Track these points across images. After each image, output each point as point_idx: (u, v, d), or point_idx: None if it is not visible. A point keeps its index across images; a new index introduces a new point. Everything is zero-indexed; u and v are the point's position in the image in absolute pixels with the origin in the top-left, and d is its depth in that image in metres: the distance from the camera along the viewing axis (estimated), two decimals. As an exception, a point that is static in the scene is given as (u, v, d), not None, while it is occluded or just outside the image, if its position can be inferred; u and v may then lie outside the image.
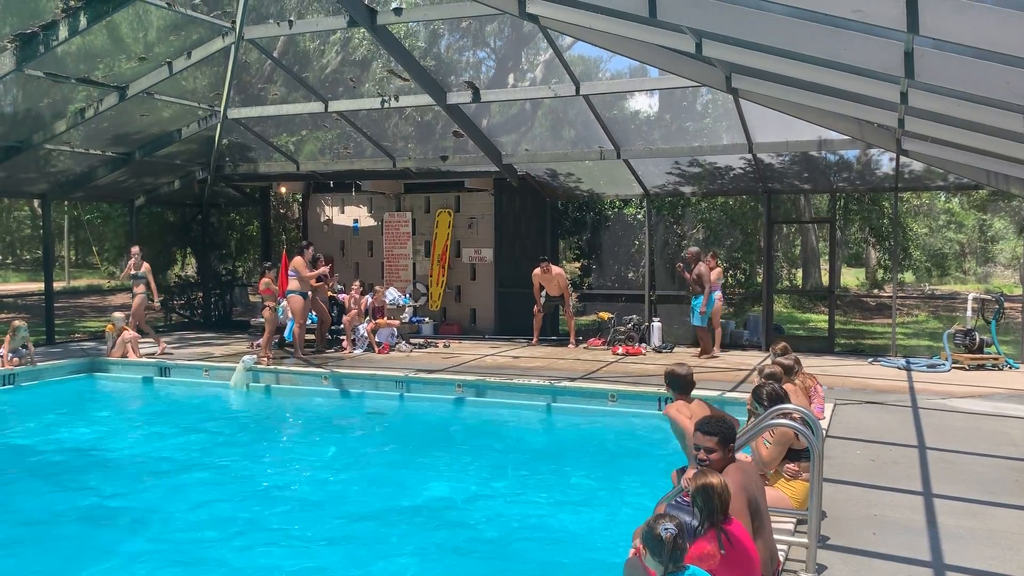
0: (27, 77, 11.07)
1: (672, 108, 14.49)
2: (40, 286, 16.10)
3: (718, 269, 13.47)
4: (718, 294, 13.23)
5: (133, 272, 13.42)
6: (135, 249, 13.65)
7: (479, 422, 10.12)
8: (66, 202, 20.33)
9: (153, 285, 13.58)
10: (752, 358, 12.64)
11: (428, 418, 10.36)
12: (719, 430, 4.09)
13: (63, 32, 9.84)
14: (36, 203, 23.19)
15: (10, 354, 11.55)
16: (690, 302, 13.24)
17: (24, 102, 12.24)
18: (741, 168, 13.89)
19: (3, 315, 20.79)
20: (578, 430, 9.68)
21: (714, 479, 3.57)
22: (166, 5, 10.79)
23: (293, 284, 12.59)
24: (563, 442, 9.35)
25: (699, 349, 13.16)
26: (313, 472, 8.19)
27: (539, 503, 7.05)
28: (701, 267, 12.96)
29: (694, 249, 13.63)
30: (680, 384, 5.48)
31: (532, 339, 14.44)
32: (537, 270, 14.07)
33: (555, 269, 14.20)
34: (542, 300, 14.22)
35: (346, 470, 8.18)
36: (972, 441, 7.46)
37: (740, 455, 5.21)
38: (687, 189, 15.12)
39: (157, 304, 13.59)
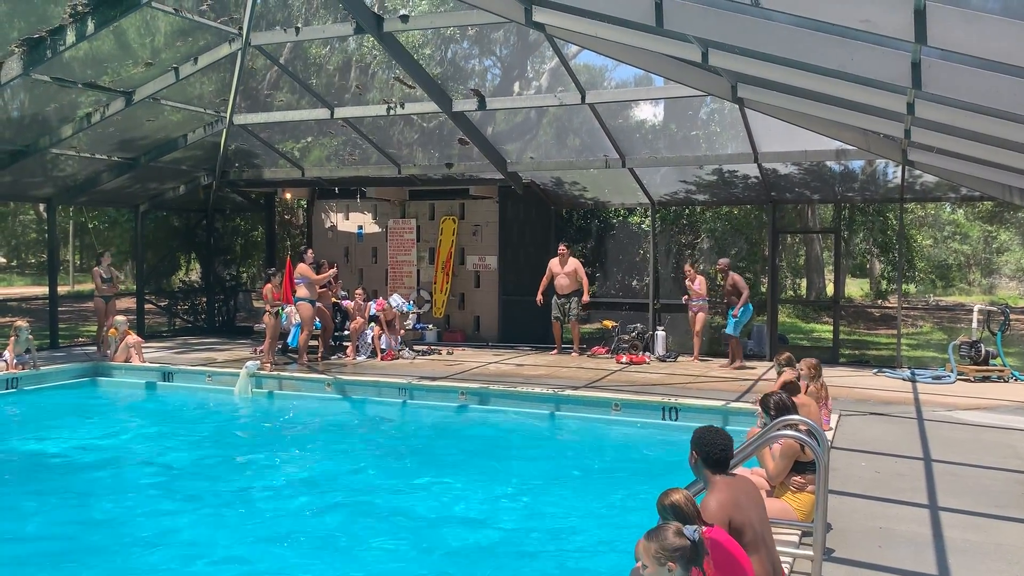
0: (34, 82, 11.09)
1: (677, 117, 14.48)
2: (44, 290, 16.10)
3: (700, 278, 13.40)
4: (700, 303, 13.25)
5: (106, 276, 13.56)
6: (107, 254, 13.85)
7: (482, 430, 10.09)
8: (71, 207, 20.35)
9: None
10: (756, 368, 12.59)
11: (431, 425, 10.34)
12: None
13: (70, 37, 9.87)
14: (41, 207, 23.24)
15: (15, 359, 11.55)
16: (726, 313, 13.07)
17: (31, 107, 12.27)
18: (746, 178, 13.87)
19: (7, 318, 20.82)
20: (581, 439, 9.65)
21: (676, 495, 3.54)
22: (173, 11, 10.82)
23: (302, 291, 12.59)
24: (566, 451, 9.31)
25: (727, 359, 13.03)
26: (315, 479, 8.16)
27: (542, 512, 7.02)
28: (735, 276, 12.84)
29: (725, 260, 13.47)
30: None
31: (553, 349, 14.29)
32: (555, 259, 14.00)
33: (572, 260, 14.06)
34: (558, 302, 13.98)
35: (347, 477, 8.15)
36: (978, 454, 7.42)
37: (742, 469, 5.19)
38: (692, 198, 15.09)
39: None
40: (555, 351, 14.23)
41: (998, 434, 8.25)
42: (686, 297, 13.51)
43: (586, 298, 13.98)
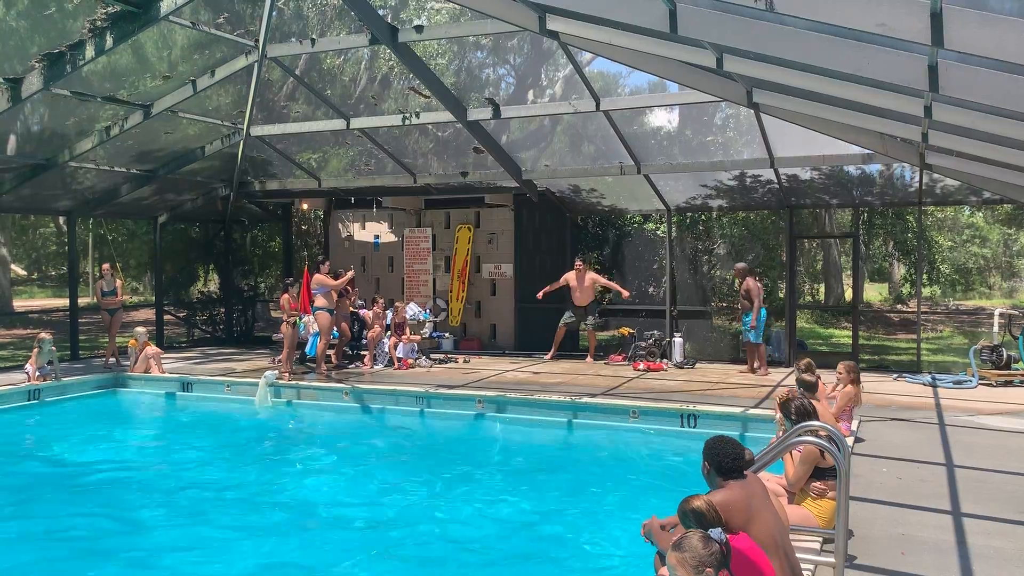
0: (54, 96, 11.23)
1: (692, 123, 14.45)
2: (65, 302, 16.26)
3: (759, 284, 13.30)
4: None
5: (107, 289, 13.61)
6: (107, 267, 13.87)
7: (499, 438, 10.09)
8: (91, 219, 20.56)
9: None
10: (776, 374, 12.52)
11: (448, 434, 10.34)
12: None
13: (89, 52, 9.98)
14: (61, 220, 23.48)
15: (37, 371, 11.65)
16: (741, 319, 12.96)
17: (51, 120, 12.42)
18: (763, 183, 13.82)
19: (29, 330, 21.03)
20: (599, 447, 9.62)
21: (697, 502, 3.59)
22: (190, 24, 10.93)
23: (320, 301, 12.65)
24: (584, 459, 9.29)
25: (745, 366, 12.96)
26: (333, 488, 8.19)
27: (559, 521, 7.00)
28: (749, 282, 12.69)
29: (741, 264, 13.30)
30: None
31: (548, 353, 14.35)
32: (571, 272, 14.09)
33: (590, 274, 14.18)
34: (568, 317, 14.13)
35: (365, 486, 8.17)
36: (1001, 459, 7.34)
37: (766, 474, 5.16)
38: (708, 204, 15.06)
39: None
40: (551, 353, 14.30)
41: (1021, 439, 8.16)
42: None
43: (615, 286, 14.44)
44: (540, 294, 14.18)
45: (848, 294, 25.74)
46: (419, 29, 10.87)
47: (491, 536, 6.65)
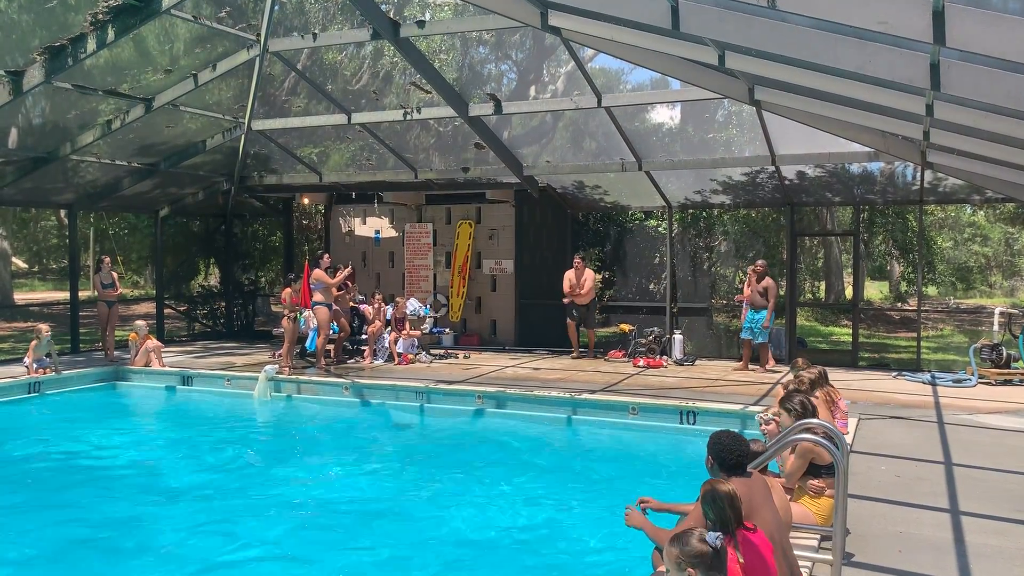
0: (55, 89, 11.22)
1: (694, 120, 14.44)
2: (66, 295, 16.28)
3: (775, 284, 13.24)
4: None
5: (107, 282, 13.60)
6: (107, 259, 13.96)
7: (499, 434, 10.09)
8: (92, 213, 20.56)
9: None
10: (775, 372, 12.53)
11: (448, 429, 10.35)
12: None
13: (91, 45, 9.97)
14: (63, 213, 23.47)
15: (35, 363, 11.65)
16: (745, 316, 12.85)
17: (52, 114, 12.41)
18: (764, 180, 13.82)
19: (30, 323, 21.04)
20: (598, 443, 9.63)
21: (722, 487, 3.56)
22: (192, 18, 10.92)
23: (318, 296, 12.66)
24: (583, 456, 9.29)
25: (740, 363, 12.95)
26: (333, 482, 8.20)
27: (556, 516, 7.01)
28: (769, 280, 12.63)
29: (762, 262, 13.12)
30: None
31: (571, 352, 14.27)
32: (571, 271, 14.05)
33: (588, 272, 14.16)
34: (576, 310, 14.10)
35: (363, 480, 8.18)
36: (1000, 457, 7.35)
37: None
38: (710, 201, 15.06)
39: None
40: (574, 353, 14.21)
41: (1020, 438, 8.17)
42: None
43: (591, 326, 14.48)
44: (567, 299, 14.10)
45: (849, 292, 25.75)
46: (421, 24, 10.85)
47: (487, 531, 6.66)
